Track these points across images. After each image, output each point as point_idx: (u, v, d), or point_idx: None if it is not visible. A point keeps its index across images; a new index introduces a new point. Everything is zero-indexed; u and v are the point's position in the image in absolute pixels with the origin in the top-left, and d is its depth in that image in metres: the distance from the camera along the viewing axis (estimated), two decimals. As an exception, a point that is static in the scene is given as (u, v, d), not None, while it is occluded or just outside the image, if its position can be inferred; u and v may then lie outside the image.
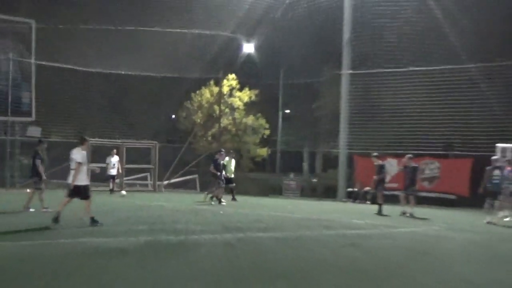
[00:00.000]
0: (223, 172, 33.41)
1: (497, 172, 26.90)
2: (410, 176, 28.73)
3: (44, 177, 25.16)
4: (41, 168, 24.88)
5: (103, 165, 40.56)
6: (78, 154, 19.62)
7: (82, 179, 19.72)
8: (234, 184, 35.77)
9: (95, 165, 40.90)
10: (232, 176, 35.60)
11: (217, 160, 33.21)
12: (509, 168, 28.84)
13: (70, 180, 19.76)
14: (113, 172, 40.07)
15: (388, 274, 12.51)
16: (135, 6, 44.20)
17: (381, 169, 30.02)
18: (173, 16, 44.36)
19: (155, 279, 11.16)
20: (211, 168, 32.89)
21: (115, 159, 40.08)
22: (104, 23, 43.60)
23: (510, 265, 14.41)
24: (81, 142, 20.17)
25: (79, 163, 19.45)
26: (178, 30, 44.62)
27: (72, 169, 19.72)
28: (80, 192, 19.69)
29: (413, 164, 29.23)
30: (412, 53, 39.46)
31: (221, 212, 27.19)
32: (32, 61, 42.80)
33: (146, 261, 13.05)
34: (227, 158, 34.80)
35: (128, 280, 11.09)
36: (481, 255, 16.14)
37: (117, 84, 46.52)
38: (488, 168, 27.27)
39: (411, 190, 28.63)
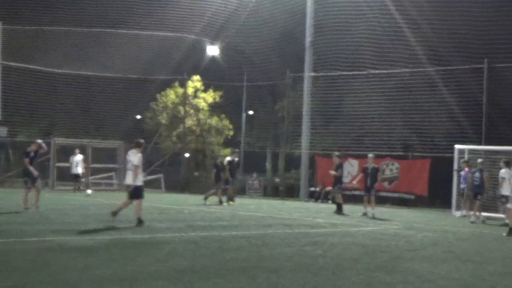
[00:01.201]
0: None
1: (477, 174, 27.88)
2: (370, 177, 28.96)
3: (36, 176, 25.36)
4: (31, 168, 25.11)
5: (69, 164, 40.95)
6: (135, 157, 20.49)
7: (138, 180, 20.54)
8: (235, 185, 35.64)
9: (61, 164, 41.42)
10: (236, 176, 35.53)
11: (233, 161, 33.42)
12: (467, 169, 29.72)
13: (128, 181, 20.68)
14: (77, 171, 40.40)
15: (346, 271, 12.71)
16: (102, 8, 44.28)
17: (339, 167, 30.45)
18: (139, 19, 44.51)
19: (120, 277, 11.24)
20: (227, 168, 33.10)
21: (78, 158, 40.37)
22: (71, 24, 43.60)
23: (466, 263, 14.57)
24: (137, 145, 21.12)
25: (136, 166, 20.32)
26: (144, 32, 44.79)
27: (128, 170, 20.64)
28: (133, 192, 20.57)
29: (374, 165, 29.41)
30: (373, 57, 39.96)
31: (186, 211, 27.47)
32: (-1, 61, 42.76)
33: (111, 259, 13.16)
34: (228, 158, 34.89)
35: (93, 278, 11.08)
36: (438, 253, 16.33)
37: (84, 85, 46.54)
38: (472, 170, 28.28)
39: (373, 191, 28.85)
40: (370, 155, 30.07)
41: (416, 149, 40.06)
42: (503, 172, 24.37)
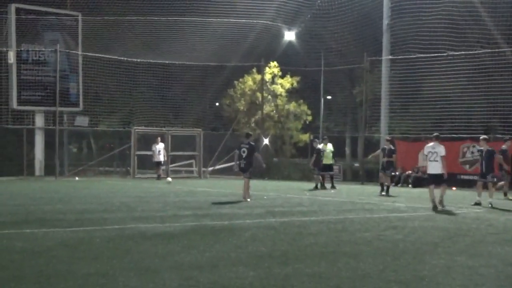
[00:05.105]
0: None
1: None
2: (485, 161, 25.71)
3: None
4: (259, 159, 26.30)
5: (149, 152, 41.55)
6: (441, 148, 23.18)
7: (439, 168, 23.15)
8: (333, 172, 35.50)
9: (140, 152, 42.02)
10: (331, 162, 35.12)
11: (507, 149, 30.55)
12: None
13: (436, 171, 23.28)
14: (159, 159, 40.94)
15: (427, 255, 12.60)
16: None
17: (389, 152, 30.43)
18: (215, 6, 44.66)
19: (200, 263, 11.34)
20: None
21: (160, 146, 40.94)
22: (147, 14, 44.02)
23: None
24: (437, 138, 23.72)
25: (443, 156, 23.05)
26: (220, 20, 44.92)
27: (433, 161, 23.20)
28: (438, 179, 23.39)
29: (488, 148, 25.84)
30: (451, 38, 39.35)
31: (265, 197, 27.48)
32: (79, 52, 43.37)
33: (191, 245, 13.29)
34: (322, 144, 34.81)
35: (173, 264, 11.23)
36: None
37: (161, 73, 46.95)
38: None
39: (489, 177, 25.83)
40: (482, 137, 26.90)
41: (497, 131, 39.32)
42: None
